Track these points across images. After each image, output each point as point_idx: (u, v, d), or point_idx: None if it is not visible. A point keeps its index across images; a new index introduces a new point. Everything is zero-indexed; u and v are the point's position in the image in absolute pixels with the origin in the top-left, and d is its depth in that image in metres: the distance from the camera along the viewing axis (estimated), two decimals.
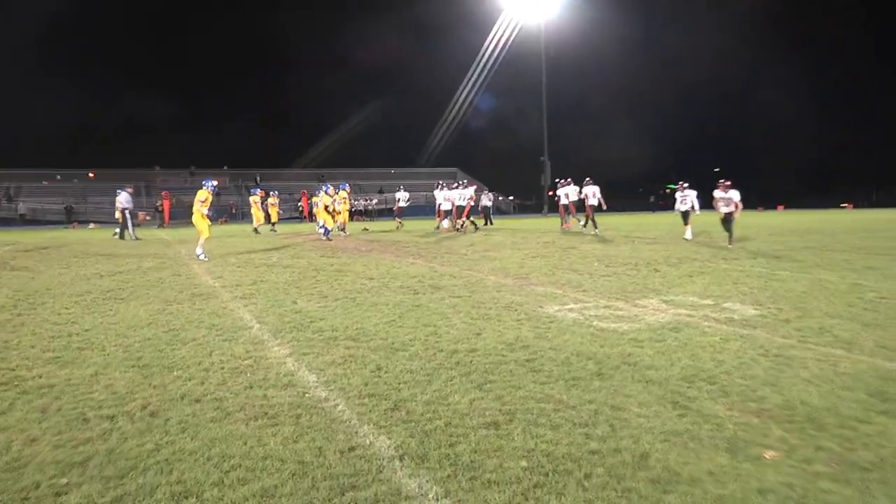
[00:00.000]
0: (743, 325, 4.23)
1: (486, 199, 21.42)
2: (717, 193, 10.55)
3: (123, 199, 16.00)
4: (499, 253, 10.02)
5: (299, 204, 33.12)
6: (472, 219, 16.78)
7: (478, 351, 3.63)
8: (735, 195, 10.36)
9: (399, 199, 19.58)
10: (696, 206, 12.05)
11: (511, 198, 45.61)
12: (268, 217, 19.83)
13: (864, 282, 6.16)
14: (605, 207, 14.88)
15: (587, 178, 16.57)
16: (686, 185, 12.32)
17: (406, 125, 61.72)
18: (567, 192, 16.21)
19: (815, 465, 2.19)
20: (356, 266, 8.27)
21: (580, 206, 15.84)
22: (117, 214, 16.24)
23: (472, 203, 16.79)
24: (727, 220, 10.49)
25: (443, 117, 52.38)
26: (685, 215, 12.10)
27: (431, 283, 6.40)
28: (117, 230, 16.40)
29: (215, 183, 9.80)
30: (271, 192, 21.29)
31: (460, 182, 17.29)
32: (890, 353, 3.53)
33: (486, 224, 20.71)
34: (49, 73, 45.57)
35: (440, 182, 17.42)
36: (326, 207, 14.13)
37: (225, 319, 4.70)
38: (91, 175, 37.88)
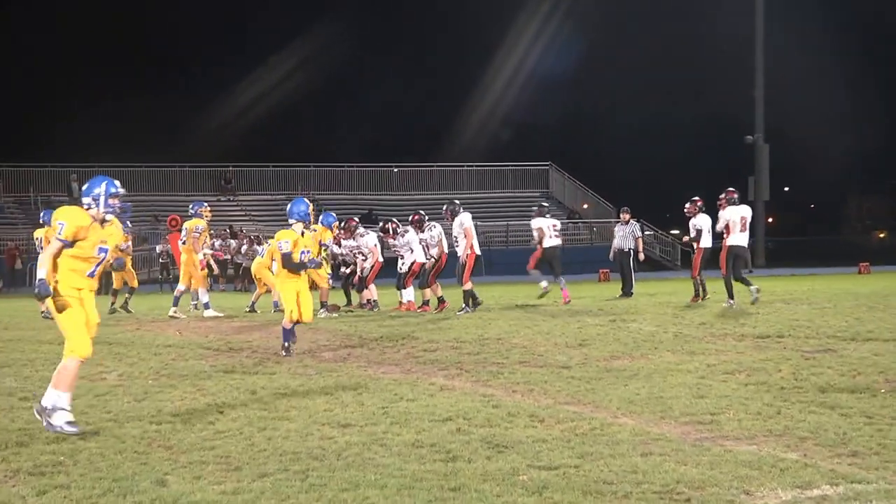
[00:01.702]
0: None
1: (624, 239, 21.17)
2: None
3: None
4: (644, 361, 10.08)
5: (162, 247, 34.06)
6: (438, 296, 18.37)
7: None
8: None
9: (360, 251, 20.00)
10: None
11: (675, 232, 45.30)
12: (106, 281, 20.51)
13: None
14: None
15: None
16: None
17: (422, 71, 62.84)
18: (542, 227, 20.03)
19: None
20: (313, 398, 8.37)
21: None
22: None
23: (435, 257, 18.14)
24: None
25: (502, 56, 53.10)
26: None
27: (486, 436, 6.49)
28: None
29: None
30: (125, 229, 21.36)
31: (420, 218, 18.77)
32: None
33: (622, 292, 20.74)
34: None
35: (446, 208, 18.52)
36: (287, 256, 12.06)
37: None
38: None
